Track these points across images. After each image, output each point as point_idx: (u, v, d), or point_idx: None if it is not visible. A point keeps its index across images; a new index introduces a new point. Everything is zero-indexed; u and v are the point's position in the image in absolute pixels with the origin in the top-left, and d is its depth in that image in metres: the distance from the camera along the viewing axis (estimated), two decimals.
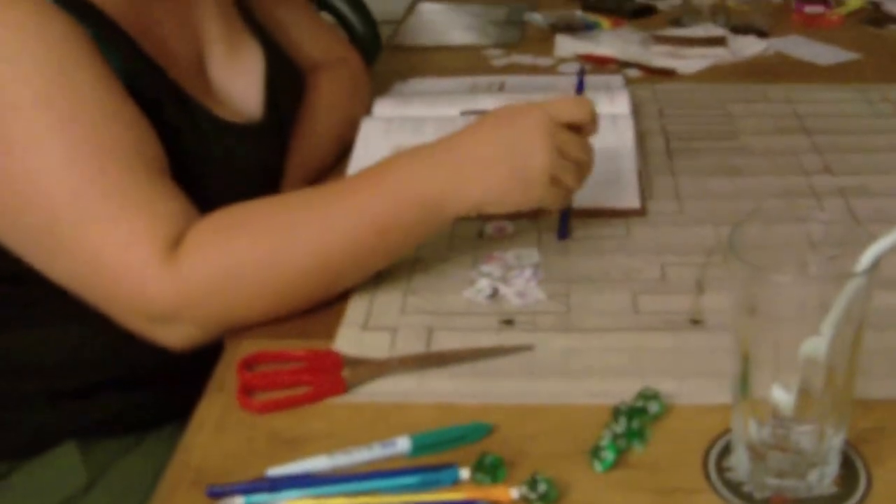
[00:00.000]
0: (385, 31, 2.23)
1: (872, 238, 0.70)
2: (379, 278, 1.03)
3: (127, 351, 0.99)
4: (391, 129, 1.31)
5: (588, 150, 1.01)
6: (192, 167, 1.04)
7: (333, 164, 1.30)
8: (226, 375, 0.91)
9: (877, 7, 1.97)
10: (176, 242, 0.93)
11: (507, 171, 0.96)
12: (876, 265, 0.69)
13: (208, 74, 1.17)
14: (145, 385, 1.15)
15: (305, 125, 1.27)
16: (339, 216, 0.96)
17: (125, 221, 0.93)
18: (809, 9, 1.92)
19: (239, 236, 0.96)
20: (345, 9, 2.23)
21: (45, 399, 1.12)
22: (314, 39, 1.38)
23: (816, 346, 0.70)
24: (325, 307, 0.99)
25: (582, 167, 1.01)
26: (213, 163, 1.10)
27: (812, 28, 1.86)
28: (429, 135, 1.29)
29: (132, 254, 0.92)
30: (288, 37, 1.33)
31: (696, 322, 0.94)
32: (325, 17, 2.17)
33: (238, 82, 1.19)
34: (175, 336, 0.96)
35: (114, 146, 0.95)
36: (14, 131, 0.93)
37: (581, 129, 1.01)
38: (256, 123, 1.18)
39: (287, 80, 1.28)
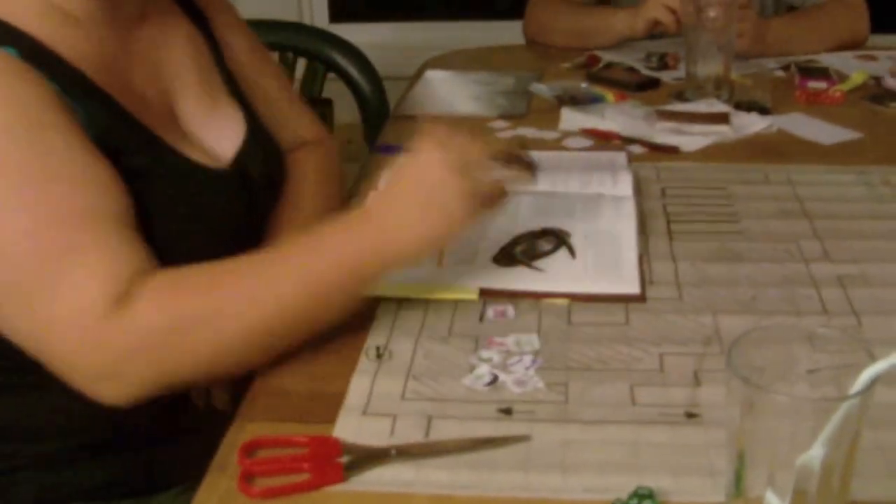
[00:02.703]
0: (390, 87, 2.26)
1: (872, 356, 0.72)
2: (381, 360, 1.04)
3: (122, 415, 1.00)
4: None
5: (475, 142, 1.05)
6: (162, 210, 1.07)
7: None
8: (228, 457, 0.92)
9: (878, 83, 1.99)
10: (126, 298, 0.96)
11: (427, 210, 1.02)
12: (871, 386, 0.70)
13: (182, 127, 1.18)
14: (143, 449, 1.16)
15: (287, 212, 1.29)
16: (280, 279, 1.00)
17: (77, 281, 0.96)
18: (812, 84, 1.94)
19: (182, 295, 0.98)
20: (352, 71, 2.25)
21: (44, 464, 1.14)
22: (290, 119, 1.40)
23: (811, 459, 0.72)
24: (326, 388, 1.01)
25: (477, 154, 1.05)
26: (182, 205, 1.11)
27: (815, 104, 1.87)
28: None
29: (80, 312, 0.95)
30: (266, 113, 1.34)
31: (691, 416, 0.95)
32: (336, 82, 2.20)
33: (211, 136, 1.21)
34: (115, 393, 0.98)
35: (74, 205, 0.98)
36: None
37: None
38: (225, 170, 1.19)
39: (267, 150, 1.29)
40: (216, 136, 1.21)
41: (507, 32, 2.51)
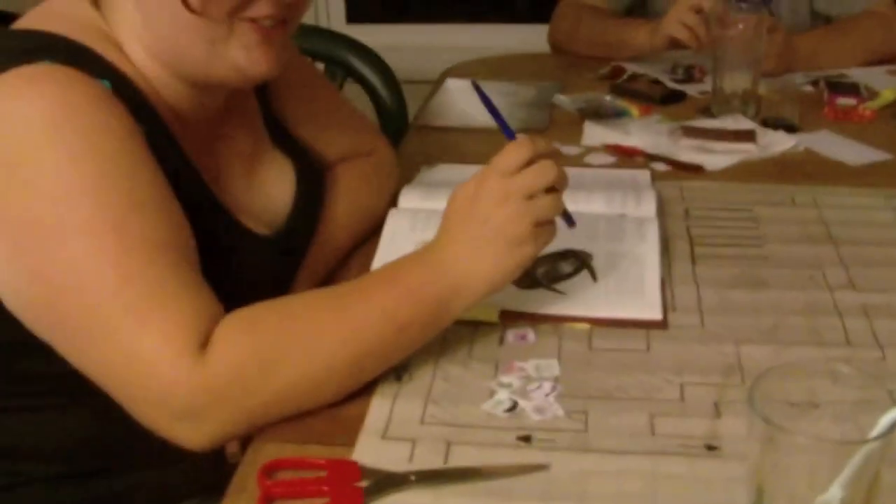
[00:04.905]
0: (408, 90, 2.23)
1: (893, 398, 0.71)
2: (400, 384, 1.04)
3: (127, 435, 1.00)
4: (416, 224, 1.32)
5: (547, 171, 1.03)
6: (216, 270, 1.06)
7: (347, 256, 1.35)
8: (247, 479, 0.92)
9: None
10: (206, 338, 0.95)
11: (496, 248, 1.02)
12: (892, 430, 0.70)
13: (229, 188, 1.19)
14: (146, 468, 1.16)
15: (321, 228, 1.30)
16: (362, 316, 1.00)
17: (164, 315, 0.94)
18: (842, 101, 1.92)
19: (268, 336, 0.97)
20: (370, 75, 2.22)
21: (44, 481, 1.13)
22: (343, 133, 1.40)
23: (829, 501, 0.71)
24: (346, 410, 1.01)
25: (552, 189, 1.04)
26: (233, 268, 1.12)
27: (843, 122, 1.85)
28: None
29: (167, 348, 0.93)
30: (318, 132, 1.35)
31: (711, 448, 0.95)
32: (353, 86, 2.18)
33: (257, 199, 1.22)
34: (196, 434, 0.96)
35: (159, 240, 0.97)
36: (65, 218, 0.94)
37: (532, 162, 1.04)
38: (276, 235, 1.21)
39: (316, 195, 1.30)
40: (263, 198, 1.23)
41: (527, 36, 2.49)
